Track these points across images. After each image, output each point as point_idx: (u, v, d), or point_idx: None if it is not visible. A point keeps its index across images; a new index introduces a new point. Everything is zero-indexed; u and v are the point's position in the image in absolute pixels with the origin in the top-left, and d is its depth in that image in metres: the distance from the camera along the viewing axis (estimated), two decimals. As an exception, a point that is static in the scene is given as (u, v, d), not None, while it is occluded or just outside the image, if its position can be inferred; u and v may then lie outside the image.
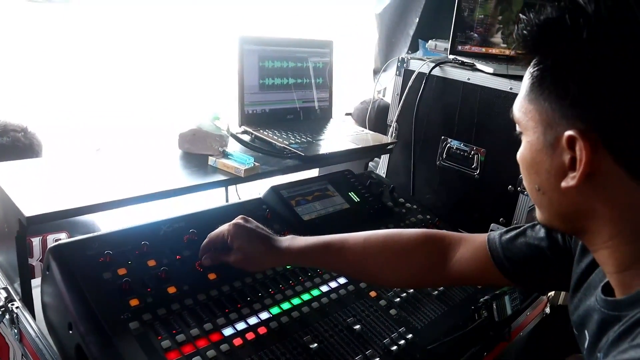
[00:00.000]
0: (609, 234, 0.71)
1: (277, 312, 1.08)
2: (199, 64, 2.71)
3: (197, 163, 1.34)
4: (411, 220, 1.54)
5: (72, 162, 1.29)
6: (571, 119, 0.66)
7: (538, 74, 0.71)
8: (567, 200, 0.71)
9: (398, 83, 1.79)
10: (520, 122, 0.76)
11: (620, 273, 0.72)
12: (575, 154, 0.66)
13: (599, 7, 0.63)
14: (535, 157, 0.73)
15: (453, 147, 1.68)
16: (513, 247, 1.02)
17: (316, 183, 1.47)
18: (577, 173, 0.66)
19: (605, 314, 0.76)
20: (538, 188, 0.75)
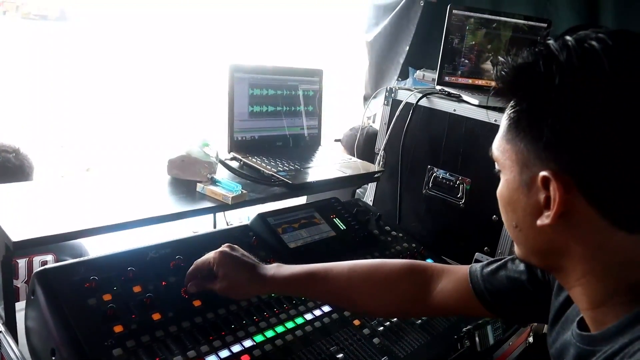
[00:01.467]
0: (581, 271, 0.73)
1: (261, 340, 1.09)
2: (190, 90, 2.73)
3: (186, 189, 1.35)
4: (396, 248, 1.55)
5: (60, 186, 1.30)
6: (545, 160, 0.68)
7: (514, 115, 0.73)
8: (542, 238, 0.74)
9: (386, 112, 1.82)
10: (498, 161, 0.79)
11: (593, 310, 0.74)
12: (549, 193, 0.68)
13: (571, 55, 0.66)
14: (512, 195, 0.75)
15: (439, 177, 1.71)
16: (494, 279, 1.03)
17: (303, 211, 1.49)
18: (551, 212, 0.68)
19: (580, 349, 0.77)
20: (515, 225, 0.77)
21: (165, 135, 2.49)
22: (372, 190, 1.91)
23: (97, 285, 1.05)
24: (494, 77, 0.77)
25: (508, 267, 1.04)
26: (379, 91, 1.94)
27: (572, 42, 0.67)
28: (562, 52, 0.66)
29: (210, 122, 2.16)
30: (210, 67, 2.68)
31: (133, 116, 2.59)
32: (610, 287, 0.72)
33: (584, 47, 0.66)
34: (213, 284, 1.09)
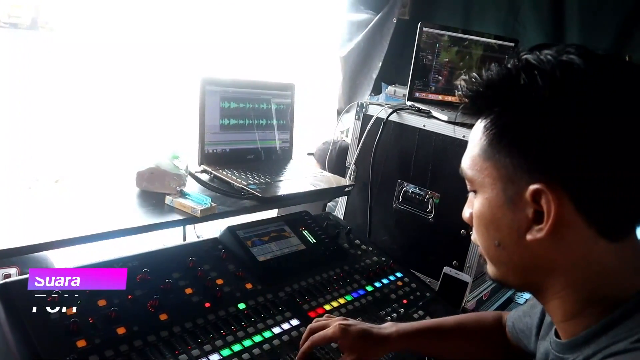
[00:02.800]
0: (561, 284, 0.74)
1: (228, 354, 1.08)
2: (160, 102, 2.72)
3: (154, 202, 1.34)
4: (366, 262, 1.56)
5: (26, 197, 1.27)
6: (534, 173, 0.69)
7: (496, 131, 0.73)
8: (527, 254, 0.73)
9: (357, 127, 1.84)
10: (473, 180, 0.78)
11: (566, 322, 0.76)
12: (539, 207, 0.68)
13: (553, 68, 0.67)
14: (496, 213, 0.75)
15: (409, 191, 1.72)
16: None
17: (273, 224, 1.49)
18: (544, 225, 0.68)
19: (554, 356, 0.80)
20: (498, 243, 0.76)
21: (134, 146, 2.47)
22: (343, 204, 1.92)
23: (60, 299, 1.03)
24: (463, 93, 0.77)
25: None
26: (351, 105, 1.95)
27: (551, 56, 0.68)
28: (544, 64, 0.68)
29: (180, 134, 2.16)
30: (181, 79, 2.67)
31: (102, 127, 2.57)
32: (585, 299, 0.73)
33: (563, 59, 0.67)
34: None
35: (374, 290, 1.46)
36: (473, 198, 0.80)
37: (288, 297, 1.30)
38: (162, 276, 1.18)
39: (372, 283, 1.48)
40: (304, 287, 1.35)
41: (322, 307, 1.31)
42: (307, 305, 1.30)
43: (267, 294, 1.28)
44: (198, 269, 1.24)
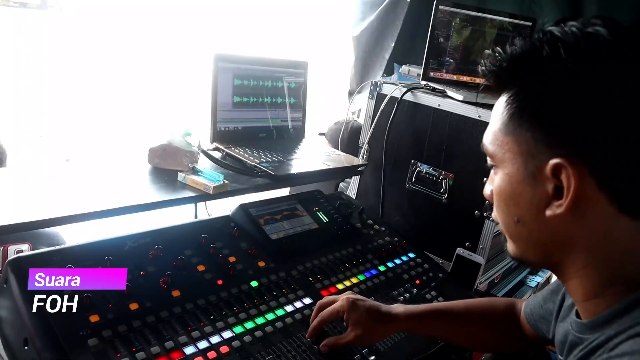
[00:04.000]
0: (582, 262, 0.72)
1: (241, 332, 1.07)
2: (173, 79, 2.70)
3: (167, 178, 1.33)
4: (379, 242, 1.54)
5: (38, 173, 1.27)
6: (555, 147, 0.67)
7: (517, 104, 0.72)
8: (547, 230, 0.72)
9: (370, 106, 1.81)
10: (494, 156, 0.77)
11: (587, 301, 0.75)
12: (559, 182, 0.67)
13: (578, 39, 0.65)
14: (516, 189, 0.74)
15: (422, 171, 1.70)
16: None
17: (285, 202, 1.48)
18: (564, 201, 0.67)
19: (573, 336, 0.78)
20: (517, 219, 0.75)
21: (147, 124, 2.46)
22: (356, 184, 1.90)
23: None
24: (486, 69, 0.76)
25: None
26: (363, 85, 1.92)
27: (576, 28, 0.66)
28: (568, 36, 0.66)
29: (192, 112, 2.14)
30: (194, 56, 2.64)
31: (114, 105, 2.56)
32: (607, 278, 0.72)
33: (588, 31, 0.66)
34: (346, 337, 1.08)
35: (387, 270, 1.45)
36: (494, 175, 0.79)
37: (300, 275, 1.29)
38: (175, 253, 1.17)
39: (384, 263, 1.47)
40: (316, 265, 1.34)
41: (335, 286, 1.31)
42: (320, 284, 1.29)
43: (279, 272, 1.27)
44: (210, 246, 1.23)
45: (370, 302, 1.11)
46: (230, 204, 1.42)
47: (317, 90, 2.10)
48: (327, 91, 3.34)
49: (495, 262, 1.80)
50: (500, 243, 1.78)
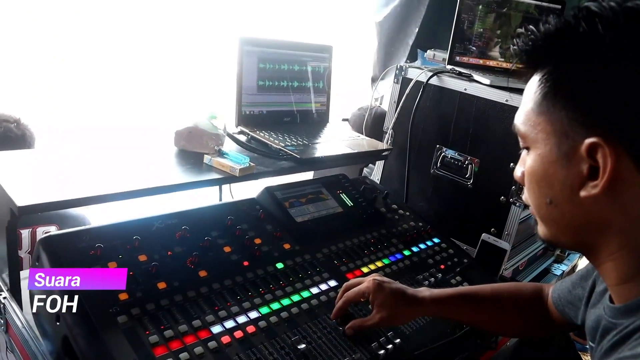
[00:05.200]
0: (617, 245, 0.71)
1: (267, 312, 1.08)
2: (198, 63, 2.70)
3: (193, 161, 1.34)
4: (403, 226, 1.54)
5: (66, 154, 1.28)
6: (590, 126, 0.66)
7: (551, 83, 0.70)
8: (580, 212, 0.71)
9: (395, 90, 1.80)
10: (527, 136, 0.75)
11: (621, 285, 0.73)
12: (595, 162, 0.66)
13: (617, 14, 0.63)
14: (548, 169, 0.72)
15: (447, 156, 1.69)
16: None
17: (310, 186, 1.47)
18: (599, 181, 0.66)
19: (607, 321, 0.77)
20: (550, 201, 0.74)
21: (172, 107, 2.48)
22: (380, 169, 1.89)
23: (102, 253, 1.04)
24: (518, 48, 0.74)
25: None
26: (387, 71, 1.91)
27: (615, 2, 0.64)
28: (606, 11, 0.64)
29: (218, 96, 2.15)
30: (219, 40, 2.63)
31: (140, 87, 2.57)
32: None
33: (628, 6, 0.64)
34: (371, 319, 1.08)
35: (412, 254, 1.44)
36: (525, 156, 0.78)
37: (326, 258, 1.29)
38: (201, 234, 1.18)
39: (409, 247, 1.46)
40: (341, 249, 1.34)
41: (360, 269, 1.31)
42: (345, 267, 1.29)
43: (305, 254, 1.27)
44: (236, 228, 1.24)
45: (397, 284, 1.11)
46: (252, 191, 1.43)
47: (340, 77, 2.09)
48: (350, 78, 3.32)
49: (520, 248, 1.78)
50: (525, 229, 1.77)
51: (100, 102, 2.54)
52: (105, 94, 2.60)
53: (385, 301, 1.07)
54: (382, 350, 1.08)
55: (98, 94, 2.58)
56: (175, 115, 1.57)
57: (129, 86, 2.65)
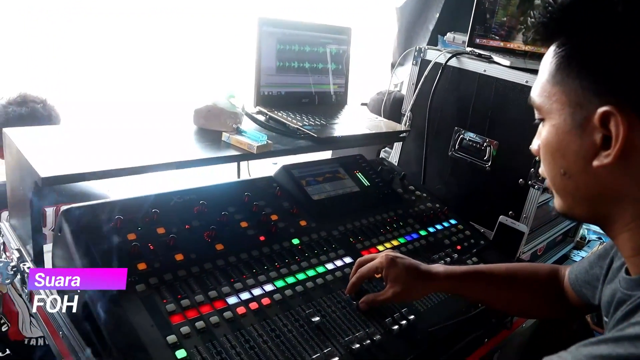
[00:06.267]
0: (631, 215, 0.71)
1: (282, 286, 1.09)
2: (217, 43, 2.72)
3: (211, 139, 1.35)
4: (420, 207, 1.54)
5: (88, 131, 1.31)
6: (604, 95, 0.66)
7: (565, 53, 0.71)
8: (594, 182, 0.71)
9: (414, 72, 1.79)
10: (542, 108, 0.75)
11: (636, 256, 0.73)
12: (607, 131, 0.66)
13: None
14: (562, 140, 0.72)
15: (466, 139, 1.68)
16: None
17: (327, 165, 1.48)
18: (612, 150, 0.66)
19: (621, 293, 0.77)
20: (564, 172, 0.74)
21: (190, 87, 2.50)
22: (398, 151, 1.89)
23: (122, 225, 1.07)
24: (535, 20, 0.74)
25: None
26: (407, 53, 1.90)
27: None
28: None
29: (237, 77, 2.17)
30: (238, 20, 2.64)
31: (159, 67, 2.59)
32: None
33: None
34: (384, 293, 1.09)
35: (428, 234, 1.45)
36: (542, 129, 0.78)
37: (341, 235, 1.30)
38: (218, 209, 1.20)
39: (425, 228, 1.47)
40: (357, 227, 1.35)
41: (375, 247, 1.32)
42: (360, 244, 1.30)
43: (320, 231, 1.28)
44: (253, 204, 1.25)
45: (410, 260, 1.11)
46: (270, 171, 1.44)
47: (359, 63, 2.09)
48: (370, 64, 3.32)
49: (539, 233, 1.77)
50: (544, 214, 1.76)
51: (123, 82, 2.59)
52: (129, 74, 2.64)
53: (399, 276, 1.08)
54: (395, 325, 1.09)
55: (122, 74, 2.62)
56: (194, 94, 1.59)
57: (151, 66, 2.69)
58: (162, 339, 0.89)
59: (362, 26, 2.86)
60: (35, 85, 2.17)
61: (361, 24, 2.78)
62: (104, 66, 2.48)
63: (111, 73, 2.47)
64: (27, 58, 2.39)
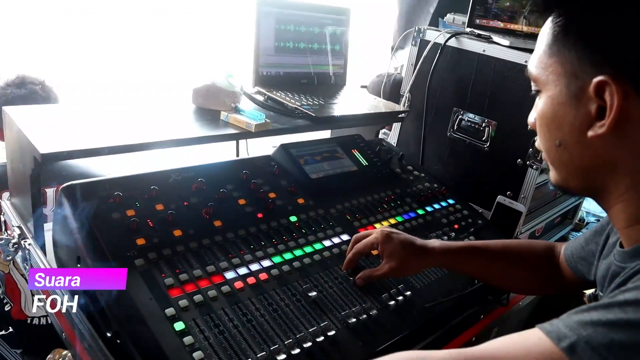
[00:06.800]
0: (625, 186, 0.71)
1: (279, 262, 1.10)
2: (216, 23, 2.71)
3: (210, 117, 1.36)
4: (418, 187, 1.55)
5: (87, 109, 1.32)
6: (599, 65, 0.66)
7: (562, 23, 0.71)
8: (589, 153, 0.71)
9: (413, 53, 1.79)
10: (538, 79, 0.76)
11: (630, 228, 0.74)
12: (602, 101, 0.66)
13: None
14: (558, 111, 0.73)
15: (464, 119, 1.68)
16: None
17: (325, 144, 1.49)
18: (606, 120, 0.66)
19: (615, 266, 0.77)
20: (559, 143, 0.75)
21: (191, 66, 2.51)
22: (396, 132, 1.89)
23: (121, 201, 1.07)
24: None
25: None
26: (406, 34, 1.89)
27: None
28: None
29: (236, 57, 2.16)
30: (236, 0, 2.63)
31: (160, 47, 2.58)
32: None
33: None
34: (380, 269, 1.10)
35: (425, 213, 1.45)
36: (538, 101, 0.78)
37: (339, 213, 1.31)
38: (217, 186, 1.20)
39: (423, 207, 1.47)
40: (354, 205, 1.36)
41: (373, 225, 1.32)
42: (358, 222, 1.31)
43: (318, 209, 1.29)
44: (251, 182, 1.26)
45: (405, 235, 1.12)
46: (269, 150, 1.44)
47: (359, 45, 2.08)
48: (370, 47, 3.31)
49: (537, 214, 1.78)
50: (542, 195, 1.76)
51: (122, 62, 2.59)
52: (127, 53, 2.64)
53: (394, 251, 1.09)
54: (392, 301, 1.10)
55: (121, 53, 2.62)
56: (193, 73, 1.59)
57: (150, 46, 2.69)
58: (161, 311, 0.90)
59: (363, 9, 2.85)
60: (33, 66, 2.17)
61: (362, 7, 2.77)
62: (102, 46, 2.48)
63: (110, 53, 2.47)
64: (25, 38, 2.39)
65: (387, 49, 3.26)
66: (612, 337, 0.56)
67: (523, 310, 1.52)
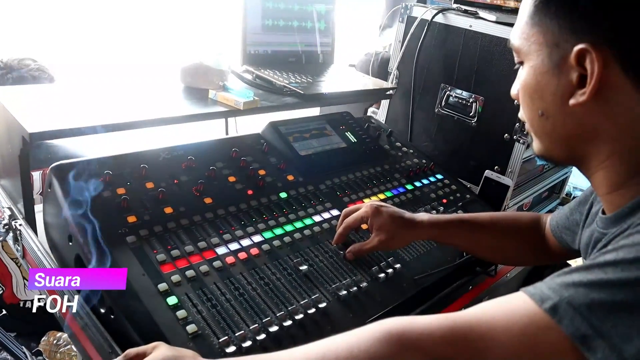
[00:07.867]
0: (607, 153, 0.73)
1: (270, 237, 1.12)
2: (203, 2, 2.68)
3: (198, 96, 1.36)
4: (407, 163, 1.56)
5: (76, 89, 1.31)
6: (580, 33, 0.67)
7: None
8: (571, 121, 0.73)
9: (400, 30, 1.79)
10: (521, 50, 0.77)
11: (611, 194, 0.75)
12: (583, 70, 0.68)
13: None
14: (540, 81, 0.74)
15: (452, 95, 1.69)
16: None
17: (314, 122, 1.50)
18: (587, 88, 0.67)
19: (598, 233, 0.79)
20: (542, 113, 0.76)
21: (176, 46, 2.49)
22: (385, 109, 1.90)
23: (111, 180, 1.07)
24: None
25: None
26: (394, 12, 1.89)
27: None
28: None
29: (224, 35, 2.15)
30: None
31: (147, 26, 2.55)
32: (631, 167, 0.72)
33: None
34: (370, 242, 1.12)
35: (414, 189, 1.47)
36: (521, 72, 0.79)
37: (328, 189, 1.33)
38: (206, 164, 1.21)
39: (412, 182, 1.49)
40: (344, 181, 1.37)
41: (362, 200, 1.34)
42: (347, 198, 1.33)
43: (308, 185, 1.30)
44: (241, 159, 1.26)
45: (394, 208, 1.14)
46: (259, 129, 1.45)
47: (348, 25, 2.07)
48: (359, 27, 3.30)
49: (524, 188, 1.80)
50: (530, 169, 1.78)
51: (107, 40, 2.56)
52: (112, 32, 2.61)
53: (384, 224, 1.10)
54: (382, 273, 1.12)
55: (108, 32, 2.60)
56: (181, 52, 1.58)
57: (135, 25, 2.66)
58: (154, 286, 0.91)
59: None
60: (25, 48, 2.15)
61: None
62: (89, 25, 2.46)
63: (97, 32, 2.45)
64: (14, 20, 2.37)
65: (376, 30, 3.25)
66: (593, 297, 0.58)
67: (511, 282, 1.54)
